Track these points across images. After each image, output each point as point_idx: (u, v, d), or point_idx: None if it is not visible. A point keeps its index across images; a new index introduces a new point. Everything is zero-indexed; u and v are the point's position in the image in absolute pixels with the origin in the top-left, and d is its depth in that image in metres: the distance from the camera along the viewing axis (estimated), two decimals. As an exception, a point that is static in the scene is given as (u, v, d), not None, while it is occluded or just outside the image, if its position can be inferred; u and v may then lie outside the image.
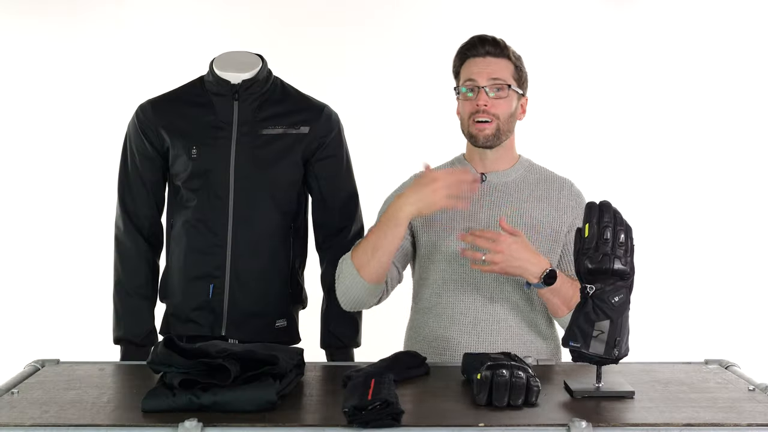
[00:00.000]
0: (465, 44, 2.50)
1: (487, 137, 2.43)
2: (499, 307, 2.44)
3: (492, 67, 2.44)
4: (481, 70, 2.44)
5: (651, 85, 4.49)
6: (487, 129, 2.43)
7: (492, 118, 2.42)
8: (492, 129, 2.43)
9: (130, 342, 2.67)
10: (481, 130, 2.43)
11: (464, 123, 2.47)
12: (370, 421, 1.75)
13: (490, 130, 2.43)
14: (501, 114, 2.43)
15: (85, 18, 4.41)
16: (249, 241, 2.62)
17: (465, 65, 2.48)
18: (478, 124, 2.42)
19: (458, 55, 2.50)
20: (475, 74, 2.44)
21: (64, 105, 4.41)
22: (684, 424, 1.78)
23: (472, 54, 2.47)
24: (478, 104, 2.41)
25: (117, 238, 2.71)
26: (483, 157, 2.50)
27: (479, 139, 2.44)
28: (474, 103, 2.43)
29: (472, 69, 2.45)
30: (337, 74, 4.33)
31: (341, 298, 2.45)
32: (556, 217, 2.47)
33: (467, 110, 2.45)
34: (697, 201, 4.48)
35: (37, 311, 4.38)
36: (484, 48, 2.45)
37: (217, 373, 1.86)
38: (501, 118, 2.43)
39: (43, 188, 4.42)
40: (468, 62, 2.47)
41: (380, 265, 2.35)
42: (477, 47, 2.46)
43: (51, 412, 1.85)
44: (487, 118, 2.41)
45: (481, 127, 2.42)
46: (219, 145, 2.62)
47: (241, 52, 2.72)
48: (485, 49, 2.45)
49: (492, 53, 2.45)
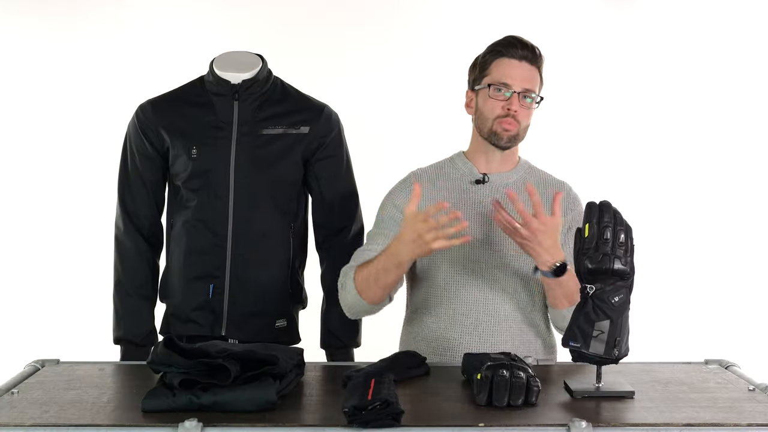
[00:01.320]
0: (502, 42, 2.46)
1: (510, 138, 2.43)
2: (500, 308, 2.44)
3: (528, 74, 2.42)
4: (517, 75, 2.41)
5: (651, 85, 4.48)
6: (513, 130, 2.42)
7: (517, 125, 2.42)
8: (514, 133, 2.43)
9: (130, 342, 2.67)
10: (507, 131, 2.42)
11: (488, 121, 2.44)
12: (370, 421, 1.75)
13: (513, 134, 2.43)
14: (524, 123, 2.43)
15: (85, 18, 4.41)
16: (249, 241, 2.62)
17: (498, 63, 2.44)
18: (506, 125, 2.41)
19: (492, 52, 2.46)
20: (512, 78, 2.41)
21: (64, 105, 4.40)
22: (684, 424, 1.79)
23: (509, 54, 2.43)
24: (510, 108, 2.40)
25: (117, 238, 2.71)
26: (490, 158, 2.50)
27: (503, 138, 2.43)
28: (505, 106, 2.41)
29: (509, 71, 2.42)
30: (337, 74, 4.32)
31: (344, 309, 2.50)
32: None
33: (495, 111, 2.42)
34: (697, 201, 4.48)
35: (37, 311, 4.38)
36: (523, 51, 2.43)
37: (217, 373, 1.86)
38: (522, 126, 2.43)
39: (43, 188, 4.42)
40: (502, 61, 2.43)
41: (383, 293, 2.40)
42: (516, 48, 2.43)
43: (51, 412, 1.85)
44: (513, 122, 2.41)
45: (507, 126, 2.41)
46: (219, 145, 2.62)
47: (241, 52, 2.72)
48: (523, 52, 2.43)
49: (528, 59, 2.43)
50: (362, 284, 2.39)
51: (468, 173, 2.51)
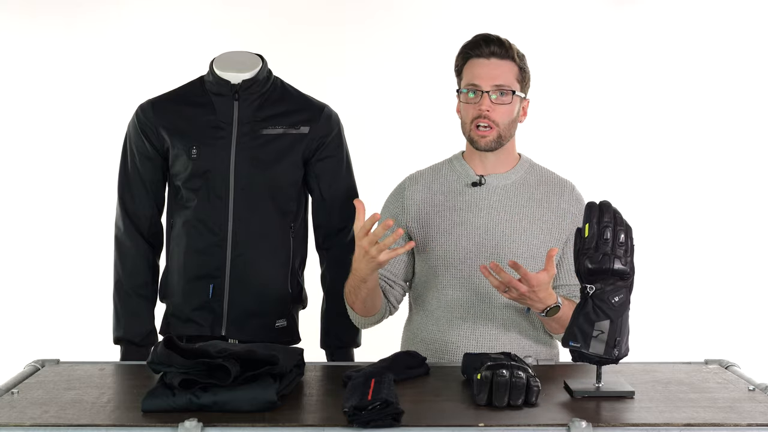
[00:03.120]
0: (468, 43, 2.43)
1: (488, 143, 2.40)
2: (497, 311, 2.43)
3: (497, 71, 2.38)
4: (485, 74, 2.38)
5: (651, 85, 4.48)
6: (489, 136, 2.39)
7: (493, 125, 2.38)
8: (494, 135, 2.39)
9: (130, 342, 2.67)
10: (483, 136, 2.39)
11: (465, 126, 2.43)
12: (370, 421, 1.75)
13: (492, 137, 2.39)
14: (502, 121, 2.39)
15: (85, 18, 4.41)
16: (249, 241, 2.62)
17: (468, 65, 2.42)
18: (479, 130, 2.38)
19: (461, 54, 2.45)
20: (479, 77, 2.38)
21: (64, 105, 4.40)
22: (684, 424, 1.79)
23: (475, 54, 2.40)
24: (480, 109, 2.37)
25: (117, 238, 2.71)
26: (483, 160, 2.48)
27: (480, 144, 2.41)
28: (476, 107, 2.38)
29: (476, 71, 2.39)
30: (337, 74, 4.33)
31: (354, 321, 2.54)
32: (556, 222, 2.45)
33: (469, 114, 2.40)
34: (697, 201, 4.48)
35: (37, 311, 4.38)
36: (489, 48, 2.39)
37: (217, 373, 1.86)
38: (502, 124, 2.39)
39: (43, 188, 4.42)
40: (471, 62, 2.41)
41: (364, 306, 2.42)
42: (481, 47, 2.40)
43: (51, 412, 1.85)
44: (488, 123, 2.37)
45: (482, 133, 2.38)
46: (219, 145, 2.62)
47: (241, 52, 2.72)
48: (490, 49, 2.39)
49: (497, 54, 2.39)
50: (349, 299, 2.44)
51: (464, 175, 2.49)
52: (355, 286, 2.35)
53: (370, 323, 2.51)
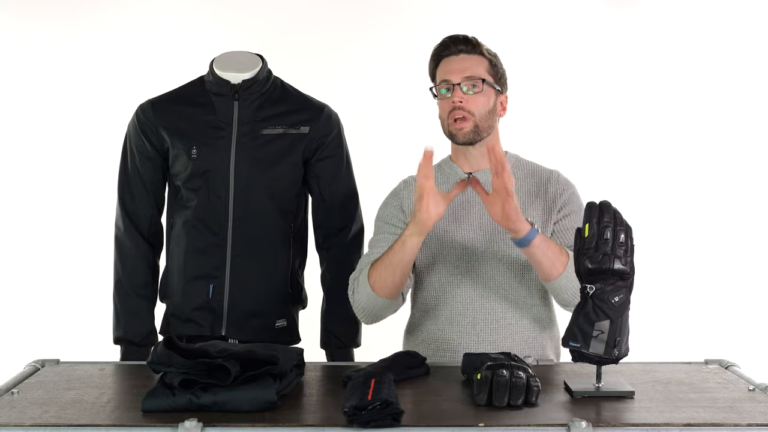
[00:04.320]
0: (438, 46, 2.49)
1: (466, 134, 2.42)
2: (497, 307, 2.44)
3: (465, 63, 2.43)
4: (454, 68, 2.43)
5: (651, 85, 4.48)
6: (466, 126, 2.41)
7: (468, 115, 2.40)
8: (470, 126, 2.41)
9: (130, 342, 2.67)
10: (460, 128, 2.41)
11: (444, 123, 2.46)
12: (370, 421, 1.75)
13: (468, 127, 2.41)
14: (477, 110, 2.41)
15: (85, 18, 4.41)
16: (249, 241, 2.62)
17: (440, 66, 2.47)
18: (456, 123, 2.41)
19: (432, 58, 2.50)
20: (449, 72, 2.43)
21: (64, 105, 4.40)
22: (684, 424, 1.78)
23: (445, 54, 2.46)
24: (454, 101, 2.40)
25: (117, 238, 2.71)
26: (468, 157, 2.49)
27: (458, 137, 2.43)
28: (450, 101, 2.42)
29: (446, 68, 2.45)
30: (337, 74, 4.32)
31: (360, 314, 2.48)
32: (545, 208, 2.47)
33: (445, 109, 2.44)
34: (697, 201, 4.48)
35: (37, 311, 4.38)
36: (457, 47, 2.45)
37: (217, 373, 1.86)
38: (477, 114, 2.41)
39: (43, 188, 4.42)
40: (442, 62, 2.47)
41: (398, 281, 2.38)
42: (450, 47, 2.46)
43: (51, 412, 1.85)
44: (463, 114, 2.40)
45: (459, 126, 2.41)
46: (219, 145, 2.62)
47: (241, 52, 2.72)
48: (458, 47, 2.45)
49: (465, 51, 2.45)
50: (375, 276, 2.37)
51: (453, 175, 2.51)
52: (401, 250, 2.31)
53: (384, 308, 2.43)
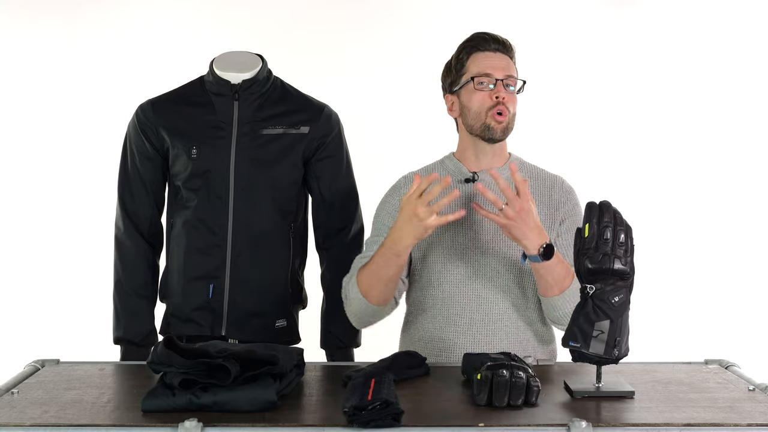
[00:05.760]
0: (473, 39, 2.47)
1: (504, 129, 2.43)
2: (494, 307, 2.43)
3: (504, 62, 2.44)
4: (496, 65, 2.42)
5: (651, 85, 4.48)
6: (504, 121, 2.41)
7: (507, 113, 2.41)
8: (505, 123, 2.42)
9: (130, 342, 2.67)
10: (500, 122, 2.41)
11: (479, 116, 2.43)
12: (370, 421, 1.75)
13: (505, 123, 2.42)
14: (513, 110, 2.43)
15: (85, 18, 4.41)
16: (249, 241, 2.62)
17: (474, 58, 2.45)
18: (498, 116, 2.40)
19: (465, 50, 2.47)
20: (492, 68, 2.42)
21: (64, 105, 4.41)
22: (684, 424, 1.78)
23: (482, 47, 2.45)
24: (498, 97, 2.40)
25: (117, 238, 2.71)
26: (481, 155, 2.48)
27: (497, 132, 2.42)
28: (492, 95, 2.41)
29: (487, 63, 2.43)
30: (337, 74, 4.32)
31: (352, 319, 2.49)
32: (548, 214, 2.46)
33: (485, 102, 2.41)
34: (697, 201, 4.48)
35: (37, 311, 4.38)
36: (495, 44, 2.45)
37: (217, 373, 1.86)
38: (512, 113, 2.43)
39: (43, 188, 4.42)
40: (478, 55, 2.45)
41: (386, 289, 2.38)
42: (489, 43, 2.45)
43: (51, 412, 1.85)
44: (503, 111, 2.40)
45: (500, 119, 2.40)
46: (219, 145, 2.62)
47: (241, 52, 2.72)
48: (495, 45, 2.45)
49: (501, 51, 2.45)
50: (365, 284, 2.38)
51: (457, 173, 2.50)
52: (385, 262, 2.32)
53: (376, 315, 2.45)
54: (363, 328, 2.59)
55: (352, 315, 2.47)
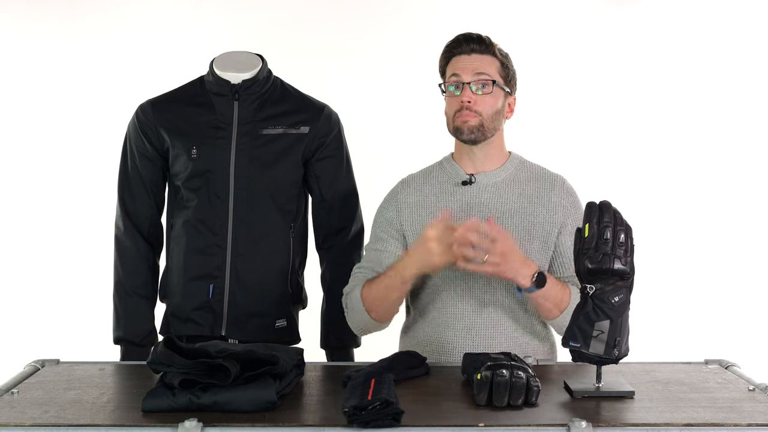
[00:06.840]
0: (450, 43, 2.47)
1: (471, 129, 2.40)
2: (492, 311, 2.42)
3: (476, 62, 2.42)
4: (465, 66, 2.41)
5: (651, 84, 4.48)
6: (471, 121, 2.39)
7: (475, 115, 2.40)
8: (475, 122, 2.40)
9: (130, 342, 2.67)
10: (465, 122, 2.39)
11: (449, 120, 2.45)
12: (370, 421, 1.75)
13: (473, 123, 2.39)
14: (485, 111, 2.40)
15: (85, 18, 4.41)
16: (249, 241, 2.62)
17: (450, 63, 2.46)
18: (461, 117, 2.40)
19: (444, 54, 2.48)
20: (460, 69, 2.42)
21: (64, 105, 4.41)
22: (684, 424, 1.79)
23: (457, 52, 2.44)
24: (462, 100, 2.39)
25: (117, 238, 2.71)
26: (472, 157, 2.48)
27: (464, 131, 2.41)
28: (458, 99, 2.40)
29: (457, 65, 2.43)
30: (337, 75, 4.33)
31: (354, 328, 2.51)
32: (548, 217, 2.45)
33: (453, 107, 2.42)
34: (697, 201, 4.48)
35: (37, 311, 4.38)
36: (470, 45, 2.43)
37: (217, 373, 1.86)
38: (485, 114, 2.40)
39: (43, 188, 4.42)
40: (453, 60, 2.45)
41: (392, 308, 2.42)
42: (462, 45, 2.44)
43: (51, 412, 1.85)
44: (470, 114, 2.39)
45: (464, 118, 2.39)
46: (219, 145, 2.62)
47: (241, 52, 2.72)
48: (470, 46, 2.43)
49: (477, 50, 2.43)
50: (370, 301, 2.40)
51: (455, 175, 2.49)
52: (390, 286, 2.35)
53: (380, 327, 2.48)
54: (363, 335, 2.61)
55: (354, 325, 2.50)
